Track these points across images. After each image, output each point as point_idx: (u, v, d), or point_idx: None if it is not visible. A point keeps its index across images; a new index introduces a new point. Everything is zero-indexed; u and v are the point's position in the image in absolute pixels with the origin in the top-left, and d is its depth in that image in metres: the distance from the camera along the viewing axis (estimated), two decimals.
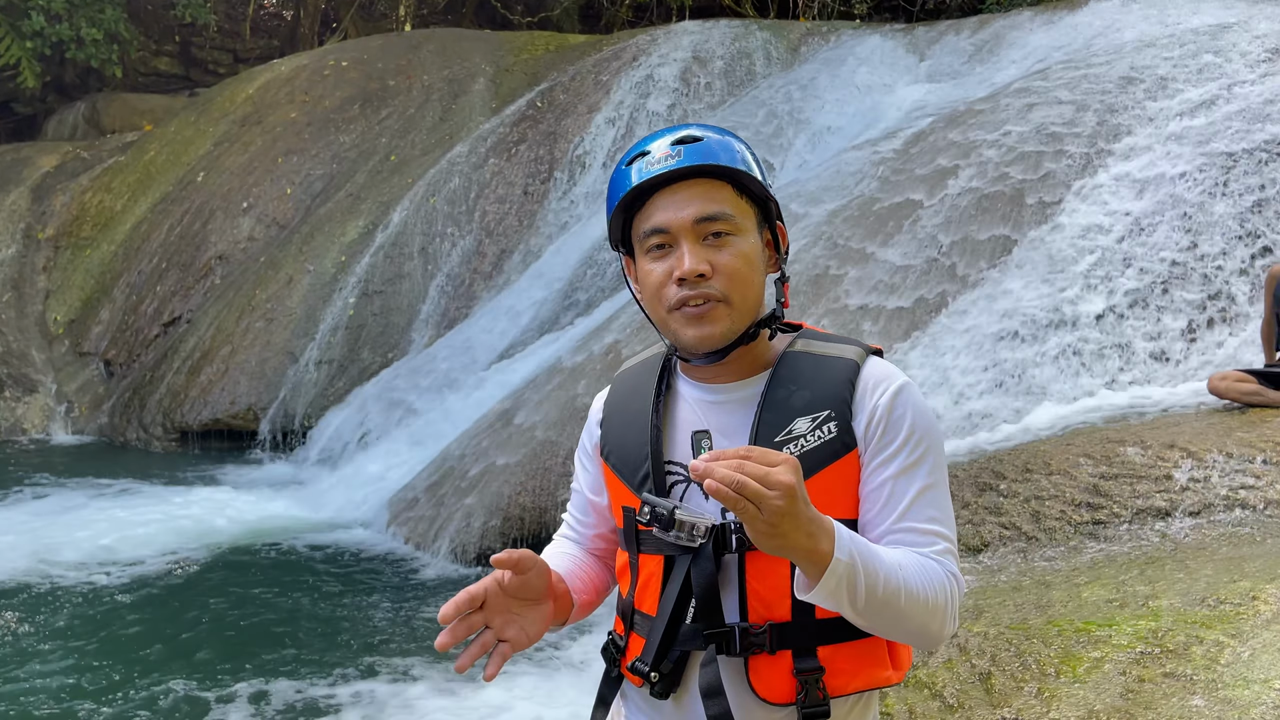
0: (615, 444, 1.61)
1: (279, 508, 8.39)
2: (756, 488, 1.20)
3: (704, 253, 1.47)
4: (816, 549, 1.27)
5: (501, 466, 7.25)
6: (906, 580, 1.37)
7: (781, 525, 1.23)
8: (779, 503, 1.21)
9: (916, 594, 1.37)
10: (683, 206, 1.48)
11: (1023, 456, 4.80)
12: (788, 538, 1.24)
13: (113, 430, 11.53)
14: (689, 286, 1.47)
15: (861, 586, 1.31)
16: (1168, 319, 6.14)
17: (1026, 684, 3.04)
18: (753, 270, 1.50)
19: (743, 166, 1.51)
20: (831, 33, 13.06)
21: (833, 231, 7.77)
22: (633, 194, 1.52)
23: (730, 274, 1.47)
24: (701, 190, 1.49)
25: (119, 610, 6.06)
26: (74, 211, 14.16)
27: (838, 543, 1.29)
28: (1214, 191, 6.63)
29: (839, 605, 1.33)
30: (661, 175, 1.49)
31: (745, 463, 1.22)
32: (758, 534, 1.24)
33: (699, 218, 1.48)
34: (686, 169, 1.48)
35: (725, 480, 1.20)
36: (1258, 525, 3.89)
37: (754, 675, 1.46)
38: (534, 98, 13.18)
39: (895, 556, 1.39)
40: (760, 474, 1.21)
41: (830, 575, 1.29)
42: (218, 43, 20.23)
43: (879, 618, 1.36)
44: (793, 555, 1.28)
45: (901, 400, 1.48)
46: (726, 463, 1.22)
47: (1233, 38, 8.24)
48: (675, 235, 1.49)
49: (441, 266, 11.70)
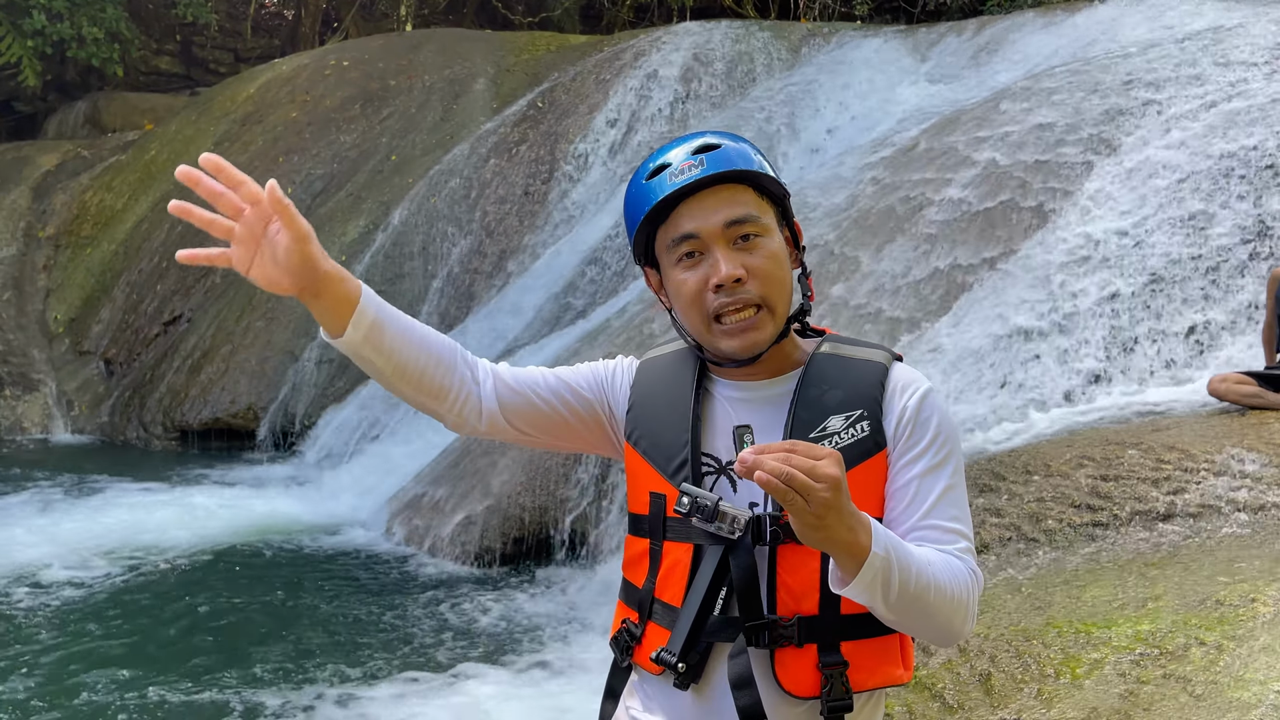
0: (646, 430, 1.62)
1: (278, 507, 8.39)
2: (805, 480, 1.23)
3: (737, 256, 1.51)
4: (856, 542, 1.30)
5: (501, 466, 7.25)
6: (935, 576, 1.40)
7: (827, 518, 1.26)
8: (826, 495, 1.24)
9: (945, 590, 1.40)
10: (711, 213, 1.52)
11: (1023, 458, 4.80)
12: (831, 530, 1.27)
13: (113, 429, 11.53)
14: (727, 293, 1.51)
15: (895, 581, 1.34)
16: (1168, 321, 6.14)
17: (1026, 685, 3.04)
18: (783, 270, 1.55)
19: (760, 168, 1.55)
20: (833, 34, 13.06)
21: (833, 237, 7.78)
22: (658, 206, 1.55)
23: (765, 276, 1.52)
24: (726, 196, 1.53)
25: (117, 609, 6.06)
26: (74, 210, 14.16)
27: (875, 538, 1.32)
28: (1215, 194, 6.64)
29: (872, 600, 1.35)
30: (689, 185, 1.52)
31: (792, 455, 1.25)
32: (804, 526, 1.27)
33: (728, 221, 1.52)
34: (711, 176, 1.52)
35: (775, 472, 1.22)
36: (1257, 528, 3.89)
37: (780, 668, 1.48)
38: (535, 98, 13.19)
39: (925, 554, 1.42)
40: (807, 466, 1.24)
41: (868, 569, 1.31)
42: (219, 42, 20.24)
43: (908, 613, 1.39)
44: (833, 548, 1.31)
45: (929, 403, 1.54)
46: (774, 455, 1.24)
47: (1234, 40, 8.25)
48: (706, 242, 1.52)
49: (442, 267, 11.71)
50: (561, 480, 6.91)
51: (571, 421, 1.68)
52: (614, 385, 1.69)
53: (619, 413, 1.68)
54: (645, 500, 1.59)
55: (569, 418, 1.67)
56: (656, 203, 1.54)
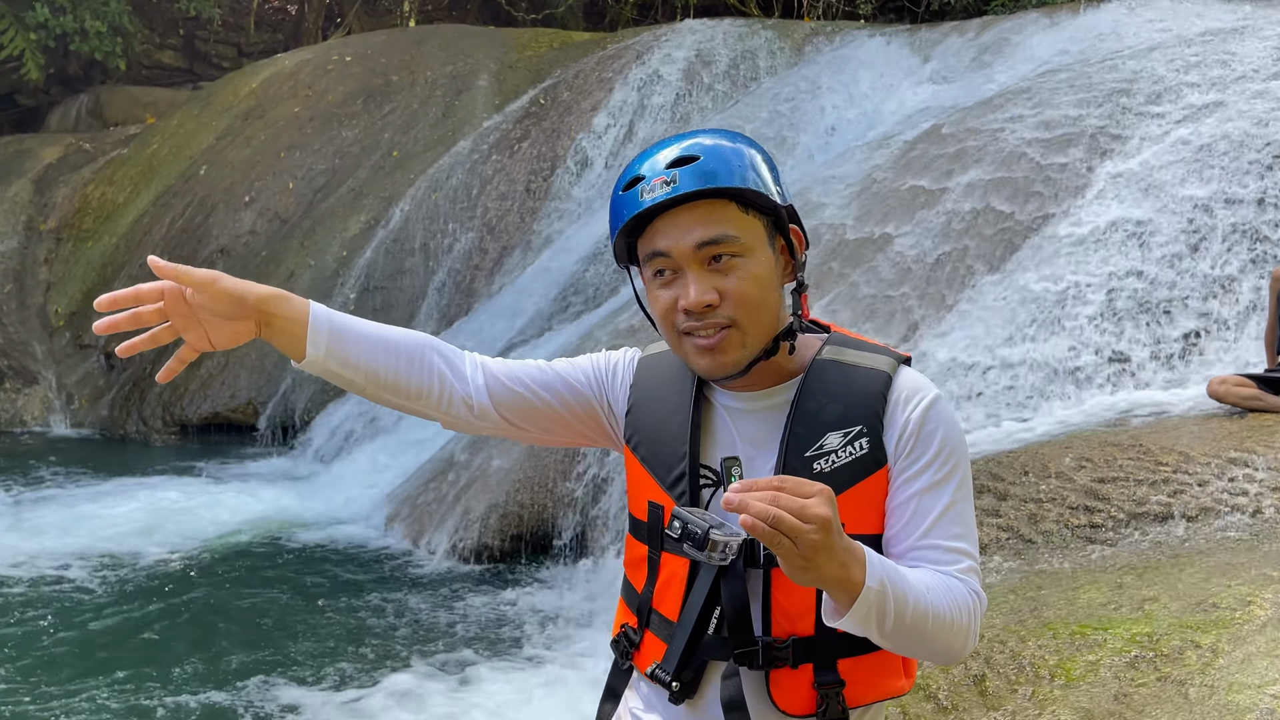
0: (645, 436, 1.58)
1: (277, 502, 8.39)
2: (793, 522, 1.18)
3: (710, 279, 1.43)
4: (849, 578, 1.26)
5: (500, 463, 7.25)
6: (934, 604, 1.36)
7: (817, 559, 1.22)
8: (815, 537, 1.20)
9: (943, 616, 1.36)
10: (685, 232, 1.43)
11: (1021, 459, 4.80)
12: (822, 570, 1.23)
13: (112, 423, 11.54)
14: (696, 317, 1.44)
15: (891, 612, 1.30)
16: (1168, 323, 6.13)
17: (1021, 687, 3.04)
18: (765, 290, 1.45)
19: (742, 182, 1.44)
20: (836, 33, 13.05)
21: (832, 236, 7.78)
22: (632, 222, 1.48)
23: (739, 300, 1.43)
24: (703, 213, 1.43)
25: (114, 603, 6.06)
26: (76, 204, 14.16)
27: (869, 570, 1.28)
28: (1217, 195, 6.63)
29: (867, 631, 1.32)
30: (658, 205, 1.44)
31: (780, 495, 1.20)
32: (793, 569, 1.23)
33: (700, 243, 1.43)
34: (682, 196, 1.42)
35: (761, 515, 1.18)
36: (1254, 530, 3.89)
37: (775, 688, 1.46)
38: (537, 95, 13.17)
39: (923, 579, 1.37)
40: (796, 507, 1.19)
41: (861, 603, 1.28)
42: (221, 36, 20.22)
43: (905, 641, 1.36)
44: (825, 585, 1.27)
45: (934, 415, 1.47)
46: (760, 495, 1.20)
47: (1238, 42, 8.23)
48: (678, 262, 1.44)
49: (442, 263, 11.71)
50: (560, 477, 6.91)
51: (566, 415, 1.63)
52: (614, 381, 1.64)
53: (619, 410, 1.64)
54: (644, 507, 1.57)
55: (563, 411, 1.62)
56: (627, 221, 1.47)
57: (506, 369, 1.63)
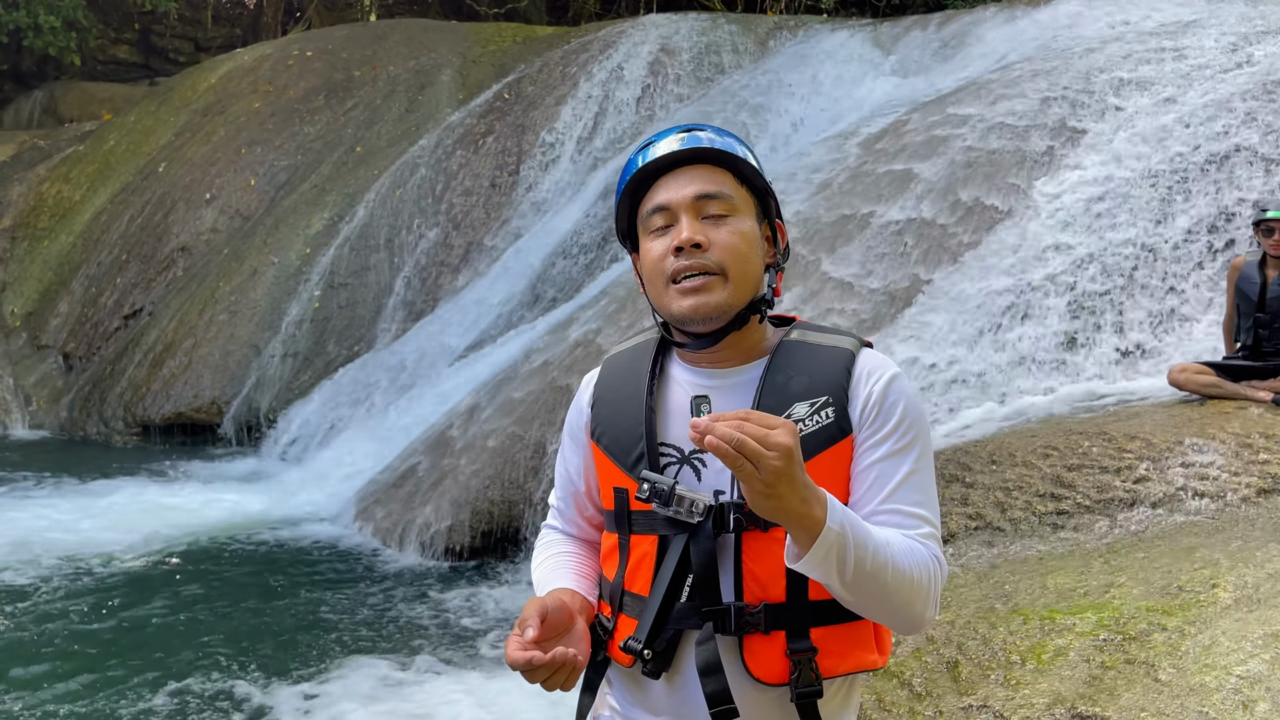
0: (607, 425, 1.62)
1: (243, 502, 8.30)
2: (755, 446, 1.23)
3: (702, 228, 1.53)
4: (810, 514, 1.30)
5: (469, 460, 7.22)
6: (894, 556, 1.39)
7: (778, 486, 1.26)
8: (777, 463, 1.24)
9: (903, 571, 1.40)
10: (684, 186, 1.56)
11: (989, 448, 4.85)
12: (783, 499, 1.27)
13: (72, 424, 11.36)
14: (686, 256, 1.52)
15: (851, 557, 1.34)
16: (1129, 312, 6.22)
17: (993, 672, 3.08)
18: (750, 248, 1.55)
19: (744, 156, 1.59)
20: (799, 27, 13.11)
21: (801, 231, 7.82)
22: (639, 178, 1.59)
23: (726, 247, 1.53)
24: (703, 173, 1.57)
25: (78, 607, 5.97)
26: (31, 202, 13.91)
27: (830, 512, 1.32)
28: (1176, 186, 6.73)
29: (828, 575, 1.35)
30: (666, 158, 1.57)
31: (745, 423, 1.25)
32: (754, 494, 1.27)
33: (698, 195, 1.55)
34: (689, 152, 1.56)
35: (725, 438, 1.23)
36: (1217, 514, 3.96)
37: (749, 655, 1.48)
38: (501, 89, 13.12)
39: (885, 534, 1.42)
40: (759, 434, 1.25)
41: (821, 543, 1.31)
42: (178, 31, 19.94)
43: (865, 592, 1.38)
44: (786, 519, 1.31)
45: (895, 389, 1.53)
46: (727, 422, 1.25)
47: (1194, 35, 8.37)
48: (675, 211, 1.55)
49: (408, 259, 11.62)
50: (530, 474, 6.89)
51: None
52: (581, 422, 1.69)
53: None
54: (611, 495, 1.60)
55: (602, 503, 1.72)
56: (635, 174, 1.59)
57: (571, 517, 1.76)
